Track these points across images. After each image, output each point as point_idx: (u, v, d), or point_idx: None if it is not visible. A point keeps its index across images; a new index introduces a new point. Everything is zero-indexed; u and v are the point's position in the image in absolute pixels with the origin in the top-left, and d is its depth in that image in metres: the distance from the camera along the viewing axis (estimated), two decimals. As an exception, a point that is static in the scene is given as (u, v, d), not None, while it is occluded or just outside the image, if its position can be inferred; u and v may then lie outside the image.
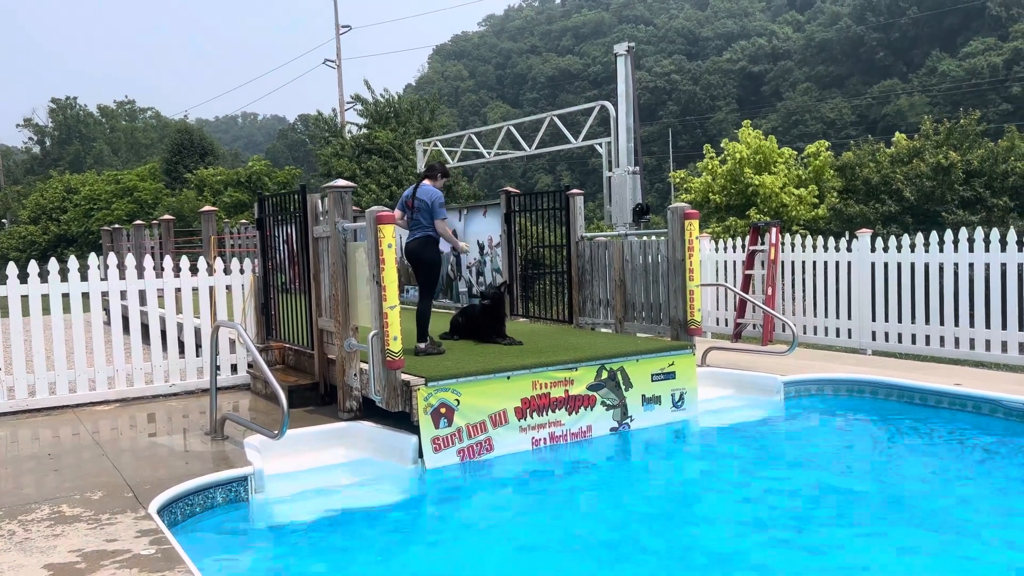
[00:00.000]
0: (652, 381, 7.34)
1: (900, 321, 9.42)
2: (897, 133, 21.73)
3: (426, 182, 7.59)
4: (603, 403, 7.06)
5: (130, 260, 8.37)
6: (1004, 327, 8.46)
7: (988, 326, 8.59)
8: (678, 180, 23.23)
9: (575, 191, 9.66)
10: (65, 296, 7.83)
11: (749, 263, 10.92)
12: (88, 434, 6.75)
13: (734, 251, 11.32)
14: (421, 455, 6.14)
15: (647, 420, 7.24)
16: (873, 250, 9.67)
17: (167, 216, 18.33)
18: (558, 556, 4.72)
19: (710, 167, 21.01)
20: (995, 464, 6.12)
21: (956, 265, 8.85)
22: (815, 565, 4.46)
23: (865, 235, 9.84)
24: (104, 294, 8.09)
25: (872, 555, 4.55)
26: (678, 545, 4.87)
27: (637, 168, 12.81)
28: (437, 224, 7.43)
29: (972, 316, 8.72)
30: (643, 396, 7.27)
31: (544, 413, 6.74)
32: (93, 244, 37.00)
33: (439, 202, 7.43)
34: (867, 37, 73.34)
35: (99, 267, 8.18)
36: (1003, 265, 8.48)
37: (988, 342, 8.61)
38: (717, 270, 11.58)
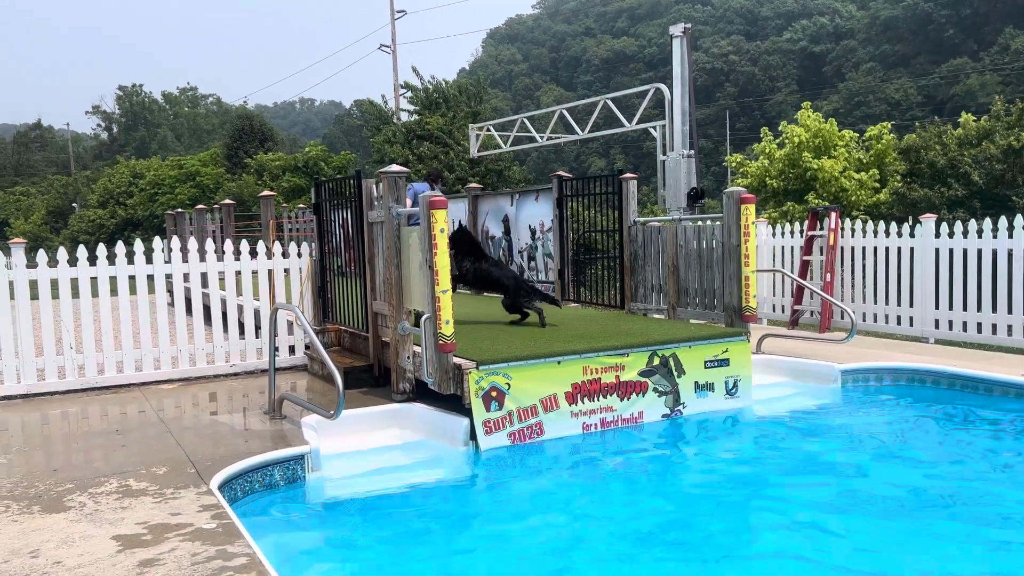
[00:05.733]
0: (705, 368, 7.27)
1: (965, 309, 9.12)
2: (965, 114, 20.95)
3: (425, 183, 7.94)
4: (655, 389, 7.02)
5: (192, 243, 8.61)
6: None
7: (1059, 315, 8.27)
8: (735, 164, 22.85)
9: (628, 175, 9.58)
10: (132, 278, 8.12)
11: (807, 249, 10.69)
12: (153, 411, 7.00)
13: (792, 236, 11.09)
14: (473, 437, 6.21)
15: (700, 407, 7.18)
16: (938, 235, 9.37)
17: (228, 200, 18.79)
18: (608, 538, 4.74)
19: (767, 150, 20.61)
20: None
21: (1026, 251, 8.51)
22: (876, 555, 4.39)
23: (929, 220, 9.53)
24: (168, 276, 8.37)
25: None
26: (730, 530, 4.84)
27: (692, 152, 12.62)
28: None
29: (1042, 305, 8.39)
30: (696, 383, 7.21)
31: (595, 398, 6.74)
32: (158, 228, 38.16)
33: (411, 191, 7.92)
34: (935, 14, 70.69)
35: (163, 250, 8.45)
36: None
37: (1059, 332, 8.29)
38: (774, 256, 11.37)
